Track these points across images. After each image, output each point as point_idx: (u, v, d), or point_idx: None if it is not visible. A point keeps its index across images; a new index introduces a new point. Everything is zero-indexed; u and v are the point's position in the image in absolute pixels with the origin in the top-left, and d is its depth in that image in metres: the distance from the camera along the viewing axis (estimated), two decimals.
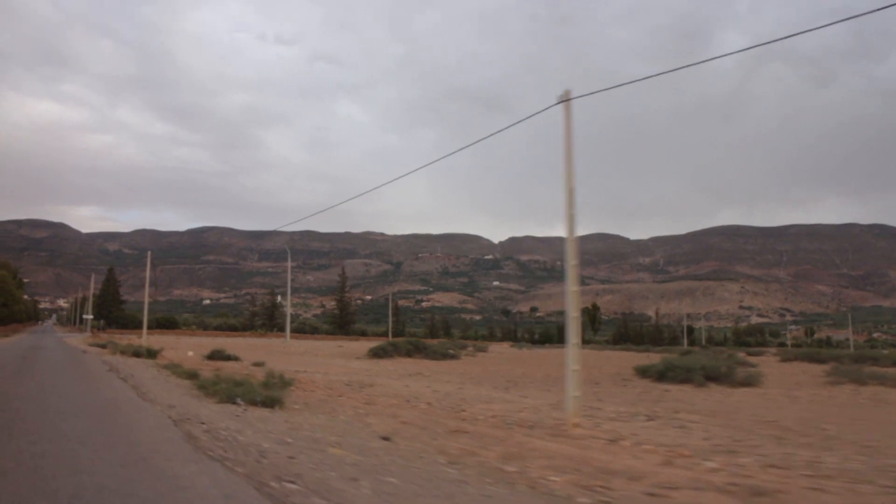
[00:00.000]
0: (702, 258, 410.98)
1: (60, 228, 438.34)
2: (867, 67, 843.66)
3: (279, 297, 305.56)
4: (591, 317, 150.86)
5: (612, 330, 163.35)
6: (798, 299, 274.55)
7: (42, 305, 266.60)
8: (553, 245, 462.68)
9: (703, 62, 11.23)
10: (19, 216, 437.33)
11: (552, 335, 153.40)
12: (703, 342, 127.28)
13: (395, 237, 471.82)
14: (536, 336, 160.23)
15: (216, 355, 30.18)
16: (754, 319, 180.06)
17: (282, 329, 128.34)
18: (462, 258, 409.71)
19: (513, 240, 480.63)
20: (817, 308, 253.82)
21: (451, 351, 46.28)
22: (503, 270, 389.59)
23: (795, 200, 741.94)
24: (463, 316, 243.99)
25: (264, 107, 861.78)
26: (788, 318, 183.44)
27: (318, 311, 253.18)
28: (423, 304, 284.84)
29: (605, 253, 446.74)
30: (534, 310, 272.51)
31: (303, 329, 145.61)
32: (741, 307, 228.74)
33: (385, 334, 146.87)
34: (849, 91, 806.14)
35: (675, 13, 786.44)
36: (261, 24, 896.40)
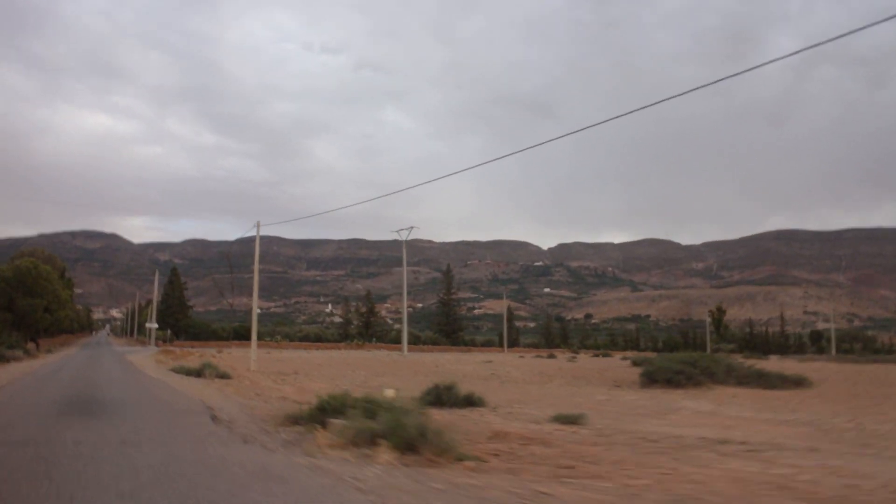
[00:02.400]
0: (757, 263, 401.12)
1: (113, 239, 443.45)
2: None
3: (329, 306, 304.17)
4: (717, 322, 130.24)
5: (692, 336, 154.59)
6: (864, 304, 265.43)
7: (96, 316, 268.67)
8: (602, 251, 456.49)
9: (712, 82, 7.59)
10: (73, 227, 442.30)
11: (676, 343, 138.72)
12: (833, 349, 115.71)
13: (443, 244, 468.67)
14: (660, 344, 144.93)
15: (449, 399, 16.29)
16: (820, 325, 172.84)
17: (380, 339, 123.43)
18: (511, 265, 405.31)
19: (562, 246, 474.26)
20: (885, 313, 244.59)
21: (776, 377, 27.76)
22: (553, 277, 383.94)
23: (850, 204, 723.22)
24: (517, 323, 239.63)
25: (311, 115, 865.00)
26: (857, 323, 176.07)
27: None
28: (476, 312, 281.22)
29: (656, 258, 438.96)
30: (588, 316, 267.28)
31: (396, 339, 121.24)
32: (805, 312, 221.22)
33: (490, 344, 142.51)
34: None
35: (724, 14, 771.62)
36: (306, 34, 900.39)
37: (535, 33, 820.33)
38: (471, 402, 16.36)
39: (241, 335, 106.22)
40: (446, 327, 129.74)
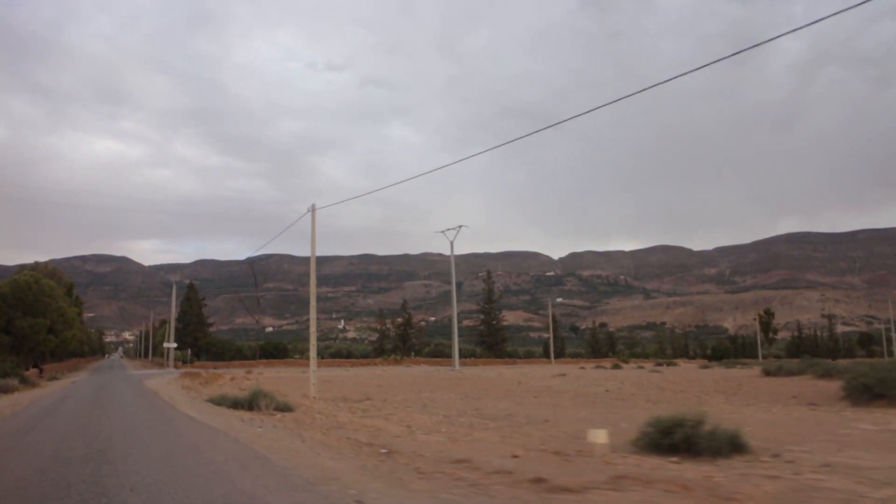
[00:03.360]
0: (769, 267, 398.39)
1: (123, 262, 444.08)
2: None
3: (342, 322, 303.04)
4: (766, 326, 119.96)
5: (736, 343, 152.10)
6: (881, 306, 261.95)
7: (108, 339, 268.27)
8: (614, 259, 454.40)
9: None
10: (84, 252, 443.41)
11: (725, 349, 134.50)
12: (886, 353, 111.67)
13: (454, 258, 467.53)
14: (708, 351, 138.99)
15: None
16: (839, 328, 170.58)
17: (418, 353, 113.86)
18: (523, 276, 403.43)
19: (573, 255, 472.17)
20: None
21: None
22: (565, 287, 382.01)
23: (861, 205, 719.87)
24: (531, 334, 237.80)
25: (317, 133, 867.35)
26: (876, 325, 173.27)
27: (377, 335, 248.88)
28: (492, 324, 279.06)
29: (668, 265, 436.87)
30: (602, 325, 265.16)
31: (439, 352, 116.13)
32: (823, 315, 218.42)
33: (530, 355, 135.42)
34: None
35: (728, 20, 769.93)
36: (310, 52, 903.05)
37: (539, 45, 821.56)
38: (736, 445, 10.37)
39: (269, 353, 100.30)
40: (488, 338, 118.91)
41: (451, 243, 75.25)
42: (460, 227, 75.55)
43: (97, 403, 23.09)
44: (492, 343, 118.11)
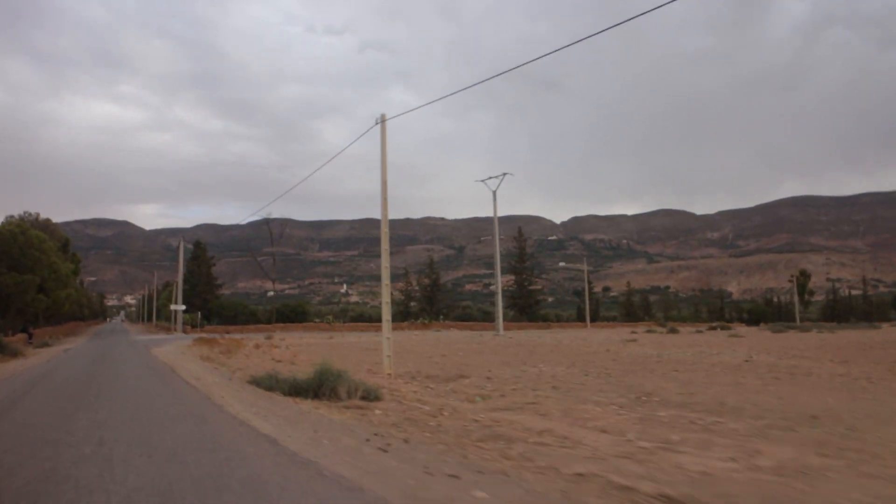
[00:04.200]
0: (773, 231, 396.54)
1: (124, 226, 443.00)
2: None
3: (344, 287, 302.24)
4: (802, 288, 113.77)
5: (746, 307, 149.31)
6: (886, 269, 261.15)
7: (110, 303, 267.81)
8: (616, 223, 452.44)
9: None
10: (85, 216, 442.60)
11: (763, 312, 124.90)
12: None
13: (456, 221, 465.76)
14: (745, 315, 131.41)
15: None
16: (845, 291, 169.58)
17: (446, 316, 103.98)
18: (525, 239, 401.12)
19: (575, 219, 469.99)
20: None
21: None
22: (568, 251, 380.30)
23: (865, 168, 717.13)
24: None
25: (318, 98, 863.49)
26: (882, 289, 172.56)
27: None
28: (492, 288, 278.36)
29: (671, 229, 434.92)
30: (606, 289, 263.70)
31: (467, 315, 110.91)
32: (829, 279, 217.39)
33: (558, 319, 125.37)
34: None
35: None
36: (310, 16, 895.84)
37: (542, 8, 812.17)
38: None
39: (286, 317, 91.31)
40: (521, 301, 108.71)
41: (494, 193, 65.60)
42: (504, 174, 65.91)
43: (87, 391, 14.78)
44: (525, 306, 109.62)
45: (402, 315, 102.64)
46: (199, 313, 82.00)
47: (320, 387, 13.01)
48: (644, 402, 12.75)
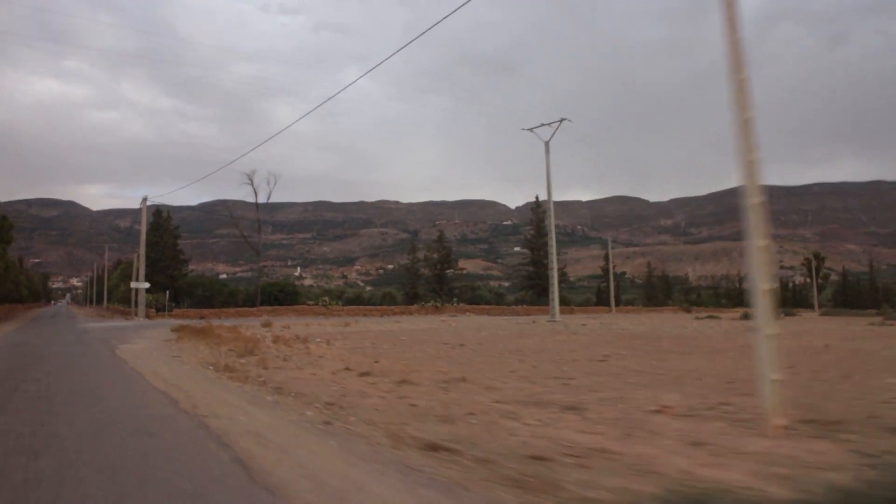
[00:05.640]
0: (725, 219, 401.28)
1: (70, 207, 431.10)
2: (885, 24, 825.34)
3: (298, 270, 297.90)
4: (815, 271, 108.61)
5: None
6: (836, 258, 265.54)
7: (55, 285, 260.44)
8: (571, 209, 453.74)
9: None
10: (28, 196, 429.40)
11: (778, 298, 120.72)
12: None
13: (410, 205, 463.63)
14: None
15: None
16: (798, 280, 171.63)
17: (461, 299, 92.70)
18: (480, 224, 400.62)
19: (530, 205, 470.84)
20: (860, 267, 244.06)
21: None
22: (523, 236, 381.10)
23: (813, 160, 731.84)
24: (492, 283, 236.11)
25: (270, 78, 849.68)
26: (834, 277, 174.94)
27: (340, 282, 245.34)
28: (448, 273, 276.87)
29: (625, 216, 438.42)
30: (563, 274, 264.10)
31: (479, 298, 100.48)
32: (782, 267, 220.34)
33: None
34: (865, 48, 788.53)
35: None
36: None
37: None
38: None
39: (276, 299, 75.13)
40: (540, 282, 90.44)
41: (547, 144, 54.14)
42: (562, 120, 54.35)
43: None
44: (543, 288, 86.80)
45: (409, 297, 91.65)
46: (168, 293, 67.02)
47: None
48: None
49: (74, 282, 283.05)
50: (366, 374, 13.32)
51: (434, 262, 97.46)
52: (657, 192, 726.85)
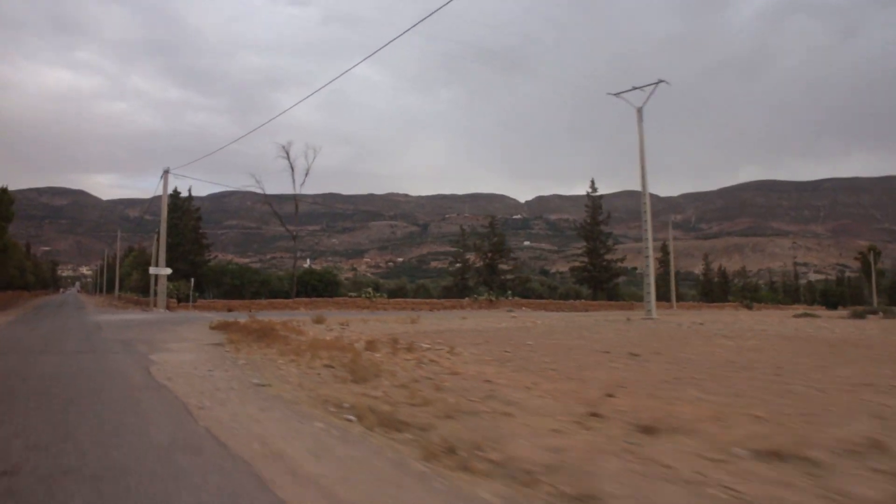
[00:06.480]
0: (735, 214, 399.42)
1: (80, 196, 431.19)
2: None
3: (308, 262, 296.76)
4: (868, 267, 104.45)
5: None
6: (849, 255, 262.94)
7: (64, 273, 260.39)
8: (581, 204, 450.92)
9: None
10: (39, 184, 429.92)
11: (836, 293, 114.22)
12: None
13: (420, 198, 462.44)
14: (818, 296, 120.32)
15: None
16: (812, 276, 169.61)
17: (515, 293, 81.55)
18: (489, 218, 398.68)
19: (540, 199, 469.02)
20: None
21: None
22: (532, 230, 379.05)
23: (824, 154, 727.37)
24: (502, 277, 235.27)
25: (280, 69, 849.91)
26: (848, 274, 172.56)
27: (349, 274, 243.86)
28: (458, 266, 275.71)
29: (634, 210, 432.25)
30: (573, 270, 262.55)
31: (530, 291, 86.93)
32: (796, 263, 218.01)
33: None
34: (878, 41, 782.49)
35: None
36: None
37: None
38: None
39: (313, 289, 67.83)
40: (596, 275, 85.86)
41: (639, 111, 44.61)
42: (659, 81, 44.84)
43: None
44: (599, 282, 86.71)
45: (459, 288, 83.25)
46: (192, 281, 56.59)
47: None
48: None
49: (84, 270, 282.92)
50: (650, 431, 6.21)
51: (485, 251, 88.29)
52: (668, 187, 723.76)
